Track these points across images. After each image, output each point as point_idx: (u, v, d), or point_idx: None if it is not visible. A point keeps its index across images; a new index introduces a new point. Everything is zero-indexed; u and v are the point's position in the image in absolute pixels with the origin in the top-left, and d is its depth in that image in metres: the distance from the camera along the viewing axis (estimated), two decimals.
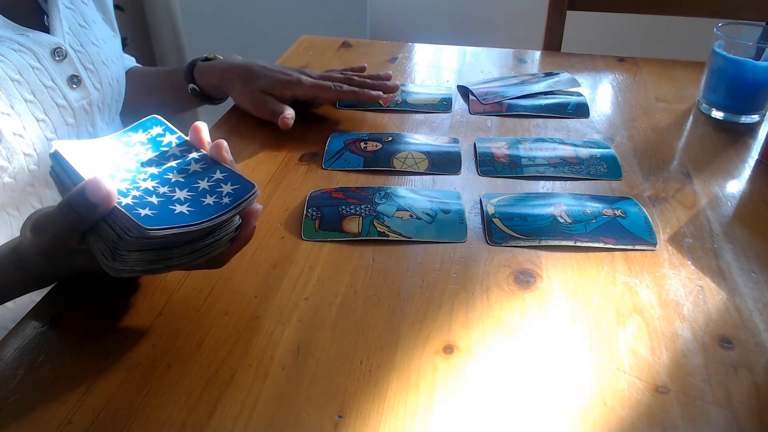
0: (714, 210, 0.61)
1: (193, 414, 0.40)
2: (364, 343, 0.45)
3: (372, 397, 0.41)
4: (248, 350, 0.45)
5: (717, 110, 0.78)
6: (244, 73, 0.76)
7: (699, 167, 0.68)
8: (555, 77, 0.88)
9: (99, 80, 0.66)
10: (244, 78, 0.75)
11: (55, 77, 0.60)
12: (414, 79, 0.90)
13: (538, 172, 0.66)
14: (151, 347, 0.45)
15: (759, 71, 0.74)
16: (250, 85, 0.75)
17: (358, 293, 0.50)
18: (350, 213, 0.59)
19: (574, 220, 0.58)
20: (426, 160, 0.68)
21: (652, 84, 0.88)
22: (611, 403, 0.41)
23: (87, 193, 0.39)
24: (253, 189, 0.45)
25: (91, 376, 0.43)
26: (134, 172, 0.46)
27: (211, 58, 0.80)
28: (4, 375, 0.43)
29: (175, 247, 0.42)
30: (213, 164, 0.48)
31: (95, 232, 0.41)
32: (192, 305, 0.49)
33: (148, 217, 0.41)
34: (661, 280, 0.52)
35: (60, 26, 0.62)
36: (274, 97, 0.74)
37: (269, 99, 0.74)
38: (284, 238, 0.56)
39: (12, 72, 0.56)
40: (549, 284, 0.51)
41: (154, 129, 0.50)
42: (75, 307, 0.49)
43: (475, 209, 0.60)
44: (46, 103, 0.59)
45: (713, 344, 0.46)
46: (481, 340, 0.46)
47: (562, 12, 1.12)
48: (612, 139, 0.74)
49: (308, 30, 1.12)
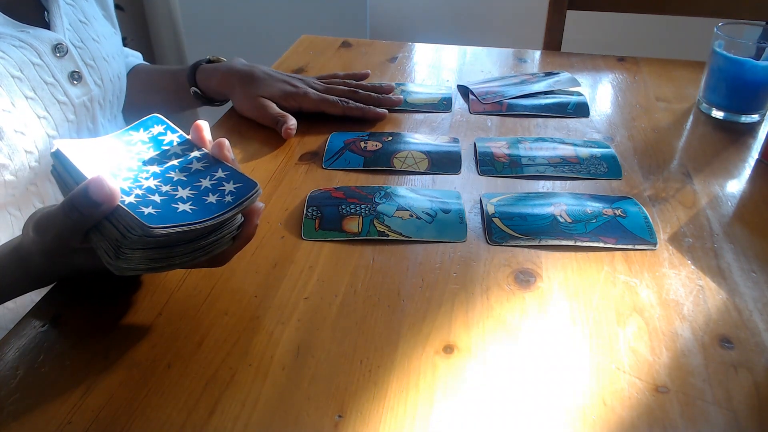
0: (714, 210, 0.61)
1: (193, 414, 0.40)
2: (364, 343, 0.45)
3: (372, 397, 0.41)
4: (248, 350, 0.45)
5: (717, 110, 0.78)
6: (245, 78, 0.76)
7: (699, 167, 0.68)
8: (555, 77, 0.88)
9: (100, 76, 0.66)
10: (245, 83, 0.75)
11: (55, 73, 0.60)
12: (414, 78, 0.90)
13: (538, 172, 0.66)
14: (151, 347, 0.45)
15: (759, 71, 0.74)
16: (251, 90, 0.75)
17: (358, 293, 0.50)
18: (350, 212, 0.59)
19: (574, 219, 0.58)
20: (426, 159, 0.68)
21: (652, 84, 0.88)
22: (611, 403, 0.41)
23: (90, 192, 0.39)
24: (256, 187, 0.45)
25: (91, 376, 0.43)
26: (136, 171, 0.46)
27: (214, 60, 0.80)
28: (4, 375, 0.43)
29: (177, 246, 0.42)
30: (215, 163, 0.48)
31: (98, 231, 0.41)
32: (192, 305, 0.49)
33: (152, 215, 0.41)
34: (661, 279, 0.52)
35: (60, 22, 0.62)
36: (275, 104, 0.74)
37: (270, 105, 0.74)
38: (284, 238, 0.56)
39: (13, 69, 0.56)
40: (549, 284, 0.51)
41: (156, 128, 0.50)
42: (75, 306, 0.49)
43: (475, 209, 0.60)
44: (47, 100, 0.59)
45: (713, 344, 0.46)
46: (481, 340, 0.46)
47: (562, 12, 1.12)
48: (612, 138, 0.74)
49: (308, 30, 1.12)
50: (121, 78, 0.72)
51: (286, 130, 0.71)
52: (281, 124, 0.72)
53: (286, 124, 0.72)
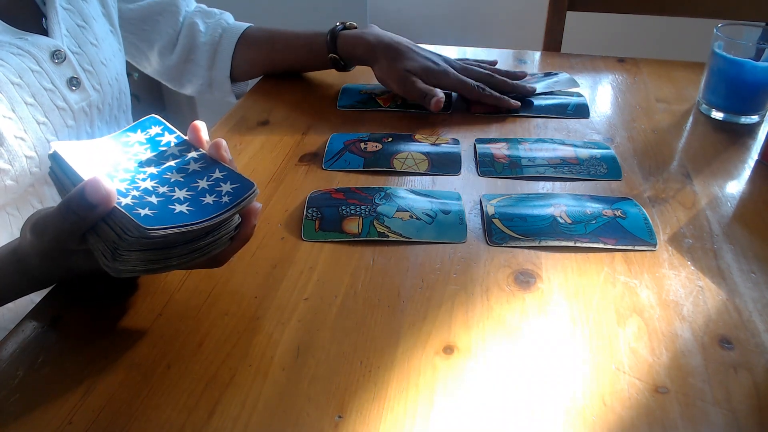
0: (714, 210, 0.61)
1: (193, 414, 0.40)
2: (364, 344, 0.45)
3: (372, 397, 0.41)
4: (248, 351, 0.45)
5: (717, 111, 0.78)
6: (391, 50, 0.78)
7: (699, 168, 0.68)
8: (554, 77, 0.88)
9: (98, 81, 0.66)
10: (391, 56, 0.78)
11: (54, 80, 0.60)
12: None
13: (538, 173, 0.66)
14: (151, 348, 0.45)
15: (759, 72, 0.74)
16: (397, 64, 0.78)
17: (358, 293, 0.50)
18: (350, 213, 0.59)
19: (574, 220, 0.58)
20: (426, 160, 0.68)
21: (652, 84, 0.88)
22: (611, 403, 0.41)
23: (86, 194, 0.39)
24: (253, 188, 0.45)
25: (91, 376, 0.43)
26: (133, 172, 0.46)
27: (348, 26, 0.83)
28: (4, 375, 0.43)
29: (175, 247, 0.42)
30: (212, 163, 0.48)
31: (95, 233, 0.41)
32: (192, 306, 0.49)
33: (148, 216, 0.41)
34: (661, 280, 0.52)
35: (58, 28, 0.62)
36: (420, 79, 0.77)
37: (417, 80, 0.77)
38: (284, 239, 0.56)
39: (12, 76, 0.56)
40: (549, 285, 0.51)
41: (153, 129, 0.50)
42: (75, 307, 0.49)
43: (475, 210, 0.60)
44: (46, 106, 0.59)
45: (713, 344, 0.46)
46: (481, 340, 0.46)
47: (562, 12, 1.12)
48: (612, 139, 0.74)
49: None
50: (120, 79, 0.72)
51: (437, 102, 0.74)
52: (430, 97, 0.75)
53: (436, 96, 0.74)
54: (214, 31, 0.85)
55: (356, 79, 0.88)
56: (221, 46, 0.85)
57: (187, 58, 0.85)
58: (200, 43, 0.84)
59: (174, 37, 0.84)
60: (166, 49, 0.84)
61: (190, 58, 0.85)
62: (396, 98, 0.82)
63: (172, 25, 0.83)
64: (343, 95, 0.84)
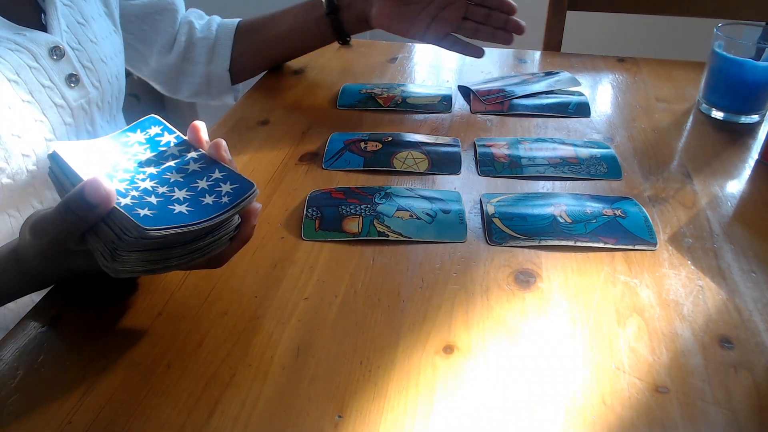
0: (714, 210, 0.61)
1: (193, 414, 0.40)
2: (364, 343, 0.45)
3: (372, 396, 0.41)
4: (248, 350, 0.45)
5: (717, 110, 0.78)
6: None
7: (699, 167, 0.68)
8: (555, 76, 0.88)
9: (98, 78, 0.66)
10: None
11: (53, 76, 0.60)
12: (414, 79, 0.90)
13: (538, 172, 0.66)
14: (151, 347, 0.45)
15: (759, 71, 0.74)
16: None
17: (358, 293, 0.50)
18: (350, 213, 0.59)
19: (574, 220, 0.58)
20: (426, 160, 0.68)
21: (652, 84, 0.88)
22: (611, 403, 0.41)
23: (86, 194, 0.39)
24: (252, 188, 0.45)
25: (91, 376, 0.43)
26: (133, 173, 0.46)
27: None
28: (4, 375, 0.43)
29: (174, 247, 0.42)
30: (212, 164, 0.48)
31: (94, 233, 0.41)
32: (192, 305, 0.49)
33: (148, 217, 0.41)
34: (661, 280, 0.52)
35: (58, 24, 0.62)
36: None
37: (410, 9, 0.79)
38: (284, 238, 0.56)
39: (9, 72, 0.56)
40: (549, 284, 0.51)
41: (153, 129, 0.50)
42: (75, 307, 0.49)
43: (475, 209, 0.60)
44: (44, 103, 0.59)
45: (713, 344, 0.46)
46: (481, 339, 0.46)
47: (562, 12, 1.12)
48: (612, 139, 0.74)
49: None
50: (120, 78, 0.71)
51: None
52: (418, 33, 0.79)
53: None
54: (209, 27, 0.86)
55: (356, 79, 0.88)
56: (219, 39, 0.85)
57: (185, 56, 0.85)
58: (197, 39, 0.85)
59: (172, 36, 0.84)
60: (165, 48, 0.84)
61: (188, 57, 0.85)
62: (396, 98, 0.82)
63: (171, 24, 0.84)
64: (343, 95, 0.84)
